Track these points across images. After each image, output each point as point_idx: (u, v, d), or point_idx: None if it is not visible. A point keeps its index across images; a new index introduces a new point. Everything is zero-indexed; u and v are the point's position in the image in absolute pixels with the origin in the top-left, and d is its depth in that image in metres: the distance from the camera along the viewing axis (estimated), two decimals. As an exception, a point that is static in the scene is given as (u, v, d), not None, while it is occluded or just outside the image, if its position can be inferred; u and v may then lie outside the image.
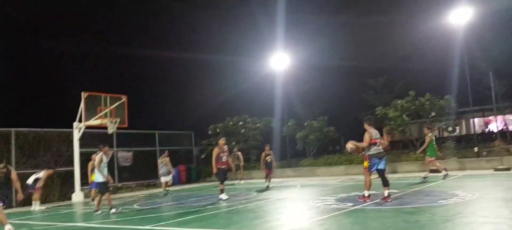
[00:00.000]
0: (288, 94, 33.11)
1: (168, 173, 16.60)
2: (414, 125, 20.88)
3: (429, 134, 13.85)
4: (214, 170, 11.97)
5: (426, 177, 13.72)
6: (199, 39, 50.60)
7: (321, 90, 42.86)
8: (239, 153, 20.53)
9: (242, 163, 20.28)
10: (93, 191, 14.38)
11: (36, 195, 14.25)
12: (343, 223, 6.84)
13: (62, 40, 42.15)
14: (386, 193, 8.84)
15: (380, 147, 9.11)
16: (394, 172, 17.72)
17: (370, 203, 8.82)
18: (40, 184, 14.28)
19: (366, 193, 9.10)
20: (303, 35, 43.44)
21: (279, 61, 24.60)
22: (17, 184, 9.05)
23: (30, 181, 14.46)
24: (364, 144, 9.01)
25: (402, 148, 24.43)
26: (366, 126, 9.26)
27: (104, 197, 11.26)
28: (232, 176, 19.71)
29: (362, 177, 9.47)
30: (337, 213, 7.93)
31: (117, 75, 40.32)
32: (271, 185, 15.48)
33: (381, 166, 9.00)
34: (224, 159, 12.05)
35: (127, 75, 40.86)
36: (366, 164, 9.10)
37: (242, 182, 19.36)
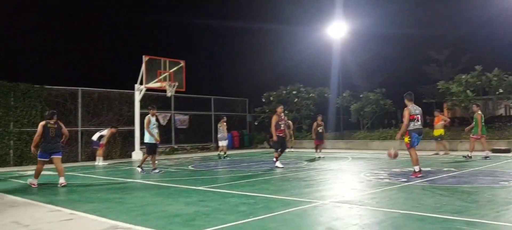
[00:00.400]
0: (345, 64, 32.45)
1: (224, 138, 16.98)
2: (478, 102, 19.75)
3: (479, 112, 13.46)
4: (274, 138, 12.03)
5: (488, 157, 13.11)
6: (256, 9, 50.29)
7: (380, 61, 41.53)
8: (290, 122, 20.49)
9: (292, 132, 20.26)
10: None
11: (99, 151, 15.16)
12: (395, 197, 6.72)
13: (127, 10, 43.67)
14: (417, 168, 8.99)
15: (419, 123, 9.17)
16: (454, 150, 16.99)
17: (424, 179, 8.59)
18: (103, 141, 15.15)
19: (417, 168, 9.02)
20: (364, 0, 41.80)
21: (337, 30, 23.97)
22: (66, 138, 9.83)
23: (94, 137, 15.39)
24: (405, 121, 9.08)
25: (464, 125, 23.25)
26: (406, 101, 9.27)
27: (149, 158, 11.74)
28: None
29: (417, 153, 9.24)
30: (390, 187, 7.79)
31: (176, 42, 41.33)
32: (322, 156, 15.42)
33: (417, 143, 9.13)
34: (282, 127, 12.11)
35: (185, 42, 41.75)
36: (407, 139, 9.11)
37: (292, 150, 19.42)
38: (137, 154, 17.59)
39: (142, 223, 5.28)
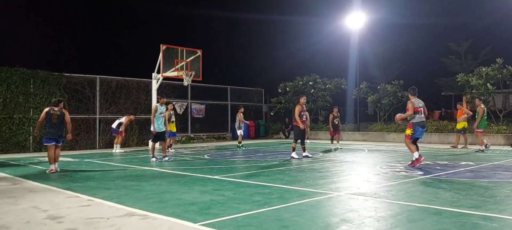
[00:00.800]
0: (363, 56, 32.08)
1: (239, 127, 17.07)
2: (498, 95, 19.36)
3: (482, 105, 13.77)
4: (301, 126, 11.95)
5: (487, 146, 13.64)
6: (275, 0, 50.07)
7: (398, 52, 40.95)
8: (307, 113, 20.32)
9: (309, 123, 20.14)
10: (168, 140, 15.19)
11: (118, 139, 15.38)
12: (412, 190, 6.66)
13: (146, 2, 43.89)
14: (417, 155, 9.41)
15: (423, 116, 9.58)
16: (472, 143, 16.73)
17: (442, 173, 8.50)
18: (122, 128, 15.37)
19: (416, 155, 9.43)
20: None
21: (355, 20, 23.68)
22: (69, 126, 9.82)
23: (114, 125, 15.62)
24: (408, 112, 9.51)
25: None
26: (410, 95, 9.86)
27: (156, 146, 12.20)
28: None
29: (435, 146, 9.14)
30: (406, 180, 7.73)
31: (194, 31, 41.48)
32: (340, 147, 15.40)
33: (420, 135, 9.64)
34: (304, 117, 12.15)
35: (203, 31, 41.86)
36: (408, 131, 9.59)
37: (308, 141, 19.35)
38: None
39: (158, 210, 5.35)
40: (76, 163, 11.57)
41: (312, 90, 24.78)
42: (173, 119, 15.07)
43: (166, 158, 11.73)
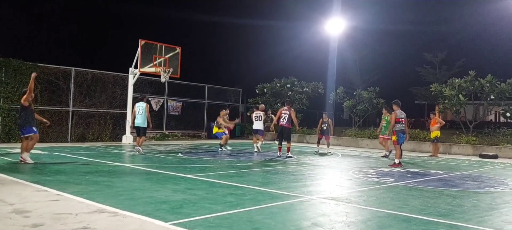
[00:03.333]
0: (342, 61, 32.45)
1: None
2: (469, 106, 19.89)
3: (388, 115, 14.63)
4: (298, 128, 14.47)
5: (388, 155, 14.39)
6: (255, 4, 50.27)
7: (376, 59, 41.62)
8: (272, 115, 20.00)
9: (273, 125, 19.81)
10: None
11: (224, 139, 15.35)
12: (383, 197, 6.78)
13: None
14: (397, 161, 11.33)
15: (403, 125, 11.52)
16: (444, 153, 17.16)
17: (412, 180, 8.69)
18: (225, 125, 15.62)
19: (397, 161, 11.34)
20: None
21: (335, 26, 23.95)
22: (39, 116, 10.35)
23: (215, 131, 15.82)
24: (392, 122, 11.55)
25: (454, 128, 23.45)
26: (394, 107, 11.70)
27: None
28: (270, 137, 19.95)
29: (407, 153, 9.38)
30: (377, 186, 7.86)
31: (174, 30, 41.17)
32: (329, 152, 15.49)
33: (402, 141, 11.54)
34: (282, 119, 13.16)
35: (183, 31, 41.57)
36: (394, 138, 11.65)
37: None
38: (128, 138, 17.52)
39: (129, 208, 5.28)
40: (46, 156, 11.29)
41: (290, 92, 24.90)
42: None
43: (137, 150, 12.90)
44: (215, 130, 15.77)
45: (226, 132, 15.76)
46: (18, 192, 6.10)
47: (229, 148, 15.55)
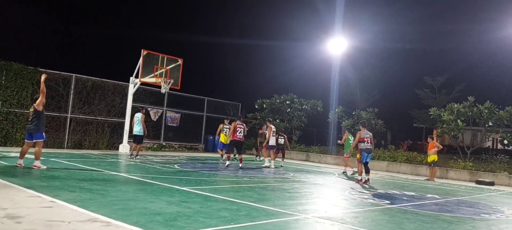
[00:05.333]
0: (342, 80, 32.55)
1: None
2: (467, 131, 19.91)
3: (350, 136, 15.83)
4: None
5: (350, 172, 15.17)
6: (258, 25, 50.91)
7: (375, 81, 41.74)
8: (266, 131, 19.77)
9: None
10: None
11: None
12: (378, 219, 6.74)
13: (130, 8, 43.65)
14: (366, 177, 11.96)
15: (369, 144, 12.03)
16: (440, 177, 17.13)
17: (408, 204, 8.65)
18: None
19: (359, 177, 12.20)
20: (364, 19, 42.11)
21: (336, 46, 24.10)
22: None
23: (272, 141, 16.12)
24: (356, 140, 12.24)
25: (451, 152, 23.44)
26: (361, 127, 12.39)
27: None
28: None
29: (403, 176, 9.33)
30: (373, 208, 7.82)
31: (177, 42, 41.44)
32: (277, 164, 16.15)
33: (367, 160, 12.00)
34: (237, 132, 14.10)
35: (184, 44, 41.83)
36: (358, 156, 12.28)
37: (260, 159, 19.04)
38: (125, 147, 17.47)
39: (122, 218, 5.23)
40: (41, 161, 11.20)
41: (289, 109, 24.93)
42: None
43: (132, 155, 14.43)
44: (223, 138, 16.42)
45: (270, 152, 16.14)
46: (12, 197, 6.05)
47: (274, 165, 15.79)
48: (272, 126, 16.25)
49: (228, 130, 16.25)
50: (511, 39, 27.92)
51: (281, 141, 16.56)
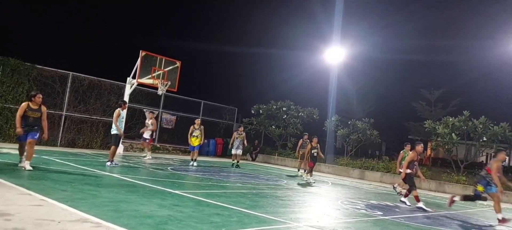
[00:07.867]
0: (339, 89, 32.64)
1: (238, 147, 17.50)
2: (461, 146, 19.97)
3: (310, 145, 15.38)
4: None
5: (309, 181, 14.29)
6: (255, 32, 51.09)
7: (373, 90, 41.86)
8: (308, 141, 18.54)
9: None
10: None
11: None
12: (369, 230, 6.73)
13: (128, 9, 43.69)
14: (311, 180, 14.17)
15: (315, 153, 14.41)
16: (435, 190, 17.15)
17: (400, 216, 8.65)
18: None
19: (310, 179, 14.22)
20: (362, 29, 42.26)
21: (334, 55, 24.17)
22: (44, 123, 9.41)
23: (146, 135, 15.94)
24: (308, 148, 14.48)
25: (445, 166, 23.51)
26: (314, 139, 14.59)
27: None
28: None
29: (398, 188, 9.31)
30: (365, 218, 7.81)
31: (174, 42, 41.47)
32: (312, 181, 14.19)
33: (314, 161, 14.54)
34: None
35: (183, 49, 41.87)
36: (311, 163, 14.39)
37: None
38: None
39: (113, 219, 5.20)
40: (33, 159, 11.13)
41: (285, 116, 24.94)
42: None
43: (109, 163, 11.66)
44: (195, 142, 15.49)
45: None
46: (2, 194, 6.00)
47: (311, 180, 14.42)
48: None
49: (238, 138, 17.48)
50: (509, 57, 28.08)
51: (315, 153, 14.57)
